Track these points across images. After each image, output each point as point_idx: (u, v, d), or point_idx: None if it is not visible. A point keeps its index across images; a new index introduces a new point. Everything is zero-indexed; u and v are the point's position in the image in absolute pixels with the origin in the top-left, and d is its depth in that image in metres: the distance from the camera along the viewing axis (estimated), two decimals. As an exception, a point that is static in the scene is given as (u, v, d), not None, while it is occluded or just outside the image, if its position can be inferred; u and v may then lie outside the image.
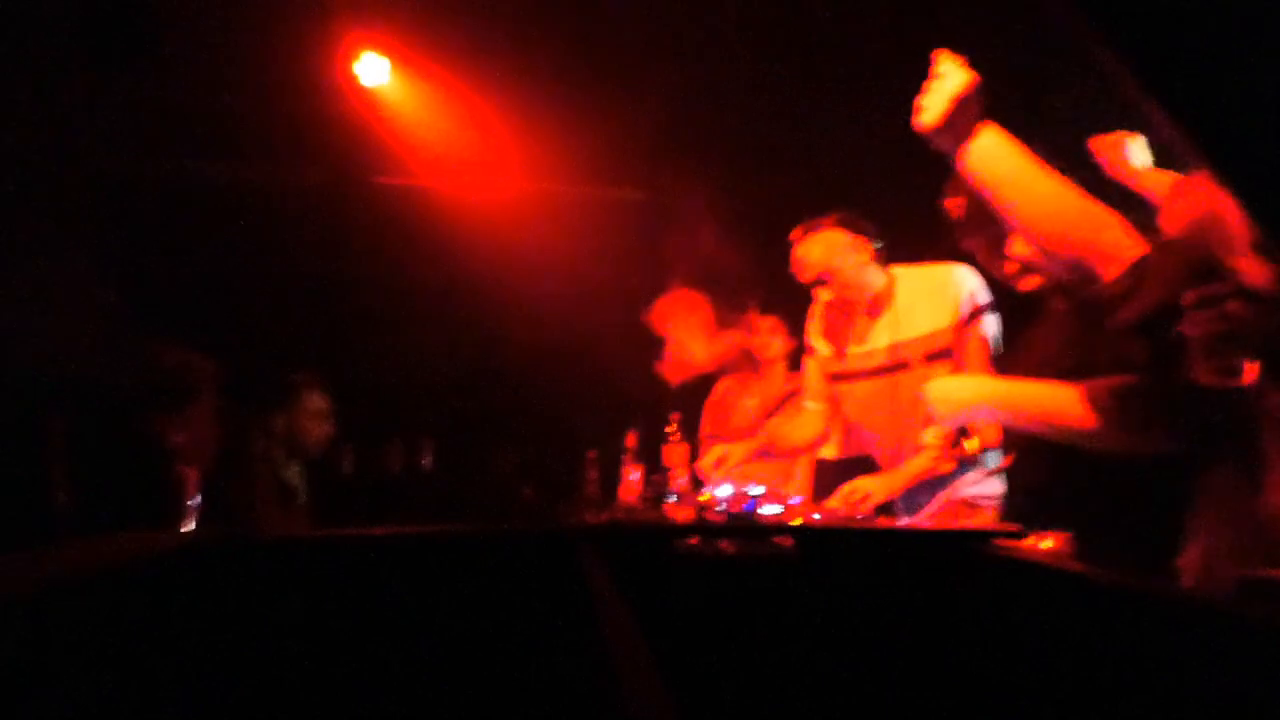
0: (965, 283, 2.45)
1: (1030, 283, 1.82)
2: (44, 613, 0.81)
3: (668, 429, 3.31)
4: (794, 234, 2.62)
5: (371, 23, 3.80)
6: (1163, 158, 1.80)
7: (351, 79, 3.98)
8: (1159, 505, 1.49)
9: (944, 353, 2.51)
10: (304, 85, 3.81)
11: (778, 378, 3.61)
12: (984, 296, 2.41)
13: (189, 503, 1.82)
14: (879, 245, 2.58)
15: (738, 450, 2.73)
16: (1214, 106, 0.64)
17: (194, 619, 1.12)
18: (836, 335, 2.74)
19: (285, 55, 3.58)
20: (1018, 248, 1.78)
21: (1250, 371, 1.21)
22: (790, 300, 3.47)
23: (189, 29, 3.14)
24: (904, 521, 2.43)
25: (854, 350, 2.67)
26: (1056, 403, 1.61)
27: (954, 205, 1.90)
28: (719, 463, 2.67)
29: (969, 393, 1.78)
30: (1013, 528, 1.35)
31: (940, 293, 2.50)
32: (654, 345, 3.65)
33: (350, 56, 3.93)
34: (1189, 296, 1.23)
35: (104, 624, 0.92)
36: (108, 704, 0.91)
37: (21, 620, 0.77)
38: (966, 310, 2.44)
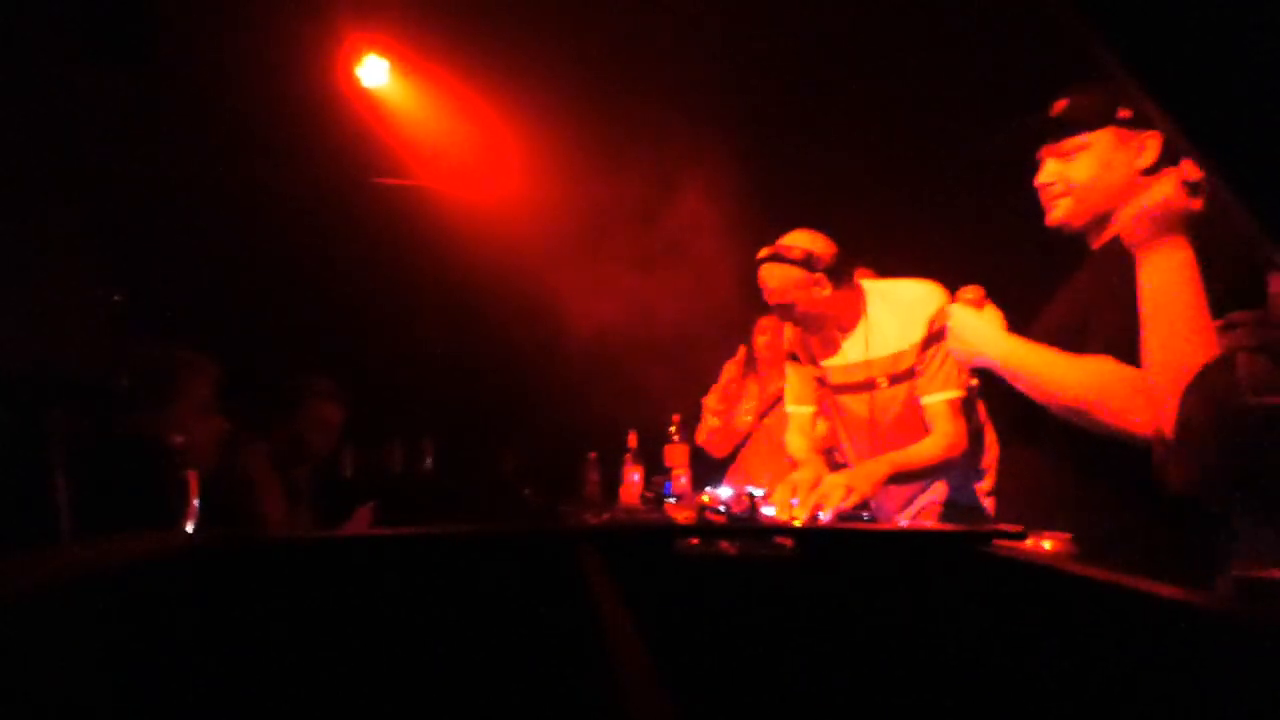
0: (932, 303, 2.38)
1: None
2: (44, 613, 0.81)
3: (669, 429, 3.31)
4: (761, 252, 2.52)
5: (372, 25, 3.81)
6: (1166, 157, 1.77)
7: (353, 81, 3.99)
8: (1158, 506, 1.49)
9: (907, 374, 2.45)
10: (305, 87, 3.83)
11: (774, 378, 3.61)
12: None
13: (190, 504, 1.82)
14: (839, 268, 2.46)
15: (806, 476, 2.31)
16: (1214, 106, 0.64)
17: (195, 620, 1.12)
18: (811, 347, 2.69)
19: (287, 57, 3.59)
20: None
21: None
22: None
23: (191, 30, 3.15)
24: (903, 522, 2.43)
25: (829, 364, 2.63)
26: (1062, 374, 1.60)
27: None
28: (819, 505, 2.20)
29: (980, 342, 1.73)
30: (1013, 528, 1.35)
31: (908, 312, 2.44)
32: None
33: (351, 59, 3.94)
34: (1238, 316, 1.23)
35: (105, 625, 0.92)
36: (109, 705, 0.91)
37: (22, 621, 0.77)
38: (930, 331, 2.37)
